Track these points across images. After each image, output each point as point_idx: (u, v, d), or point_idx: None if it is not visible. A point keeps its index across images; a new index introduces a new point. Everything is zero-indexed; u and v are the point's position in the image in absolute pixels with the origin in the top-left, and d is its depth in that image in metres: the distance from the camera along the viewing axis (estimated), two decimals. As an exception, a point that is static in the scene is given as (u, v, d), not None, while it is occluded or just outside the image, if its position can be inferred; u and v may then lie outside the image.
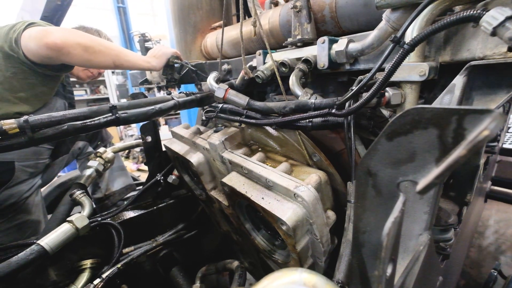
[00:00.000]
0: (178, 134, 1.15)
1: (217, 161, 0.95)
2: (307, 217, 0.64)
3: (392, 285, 0.40)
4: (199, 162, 0.99)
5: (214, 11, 1.50)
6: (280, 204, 0.66)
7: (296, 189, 0.63)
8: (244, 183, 0.76)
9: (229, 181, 0.79)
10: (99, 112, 0.83)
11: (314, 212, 0.63)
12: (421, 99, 0.73)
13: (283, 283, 0.41)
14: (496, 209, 2.42)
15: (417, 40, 0.54)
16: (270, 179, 0.69)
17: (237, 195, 0.77)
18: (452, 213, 0.88)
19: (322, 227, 0.67)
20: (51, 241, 0.62)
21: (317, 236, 0.66)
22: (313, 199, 0.63)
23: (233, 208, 0.87)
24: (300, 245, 0.67)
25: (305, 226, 0.66)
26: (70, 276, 1.03)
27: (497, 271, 1.29)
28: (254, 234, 0.90)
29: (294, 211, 0.63)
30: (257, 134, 0.91)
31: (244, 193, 0.72)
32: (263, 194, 0.70)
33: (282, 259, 0.80)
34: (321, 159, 0.75)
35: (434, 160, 0.32)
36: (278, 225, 0.65)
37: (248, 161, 0.79)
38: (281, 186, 0.67)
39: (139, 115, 0.90)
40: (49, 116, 0.76)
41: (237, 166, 0.81)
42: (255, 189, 0.73)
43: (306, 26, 0.95)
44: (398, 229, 0.35)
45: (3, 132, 0.70)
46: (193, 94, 1.14)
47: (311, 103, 0.73)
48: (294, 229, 0.62)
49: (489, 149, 1.52)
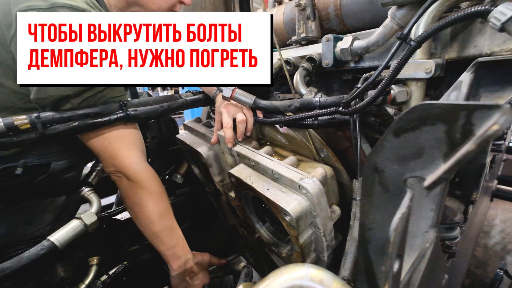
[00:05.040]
0: (189, 127, 1.19)
1: (225, 153, 0.97)
2: (311, 210, 0.65)
3: (398, 281, 0.40)
4: (208, 155, 1.01)
5: (217, 10, 1.50)
6: (284, 195, 0.66)
7: (301, 181, 0.64)
8: (251, 174, 0.77)
9: (236, 172, 0.80)
10: (110, 109, 0.84)
11: (318, 204, 0.63)
12: (427, 97, 0.72)
13: (290, 278, 0.41)
14: (503, 208, 2.39)
15: (423, 37, 0.53)
16: (276, 171, 0.70)
17: (243, 186, 0.78)
18: (458, 211, 0.88)
19: (326, 221, 0.67)
20: (60, 237, 0.63)
21: (321, 230, 0.67)
22: (318, 191, 0.63)
23: (239, 200, 0.89)
24: (303, 238, 0.67)
25: (308, 218, 0.66)
26: (77, 273, 1.04)
27: (503, 270, 1.28)
28: (259, 226, 0.91)
29: (298, 202, 0.64)
30: (266, 129, 0.92)
31: (250, 184, 0.73)
32: (268, 185, 0.71)
33: (286, 253, 0.81)
34: (328, 155, 0.75)
35: (442, 156, 0.32)
36: (281, 216, 0.65)
37: (255, 153, 0.81)
38: (286, 178, 0.68)
39: (149, 113, 0.90)
40: (60, 112, 0.77)
41: (244, 158, 0.82)
42: (261, 180, 0.74)
43: (310, 24, 0.95)
44: (405, 225, 0.35)
45: (14, 128, 0.71)
46: (199, 94, 1.15)
47: (316, 101, 0.73)
48: (297, 220, 0.62)
49: (495, 148, 1.51)
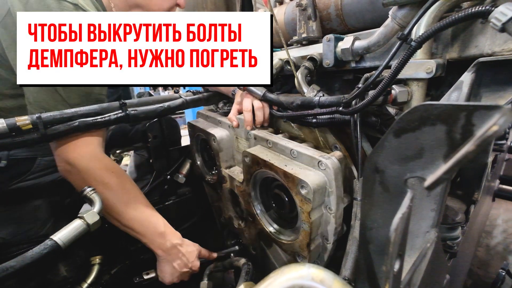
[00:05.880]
0: (204, 114, 1.22)
1: (240, 138, 0.99)
2: (326, 186, 0.67)
3: (399, 281, 0.40)
4: (221, 138, 1.02)
5: (219, 10, 1.50)
6: (302, 170, 0.69)
7: (321, 157, 0.67)
8: (268, 153, 0.79)
9: (253, 151, 0.82)
10: (110, 109, 0.84)
11: (335, 181, 0.66)
12: (427, 97, 0.72)
13: (291, 277, 0.41)
14: (505, 208, 2.38)
15: (424, 37, 0.53)
16: (295, 150, 0.73)
17: (258, 164, 0.80)
18: (459, 211, 0.88)
19: (339, 201, 0.69)
20: (63, 236, 0.63)
21: (332, 210, 0.69)
22: (337, 167, 0.66)
23: (247, 183, 0.90)
24: (315, 216, 0.69)
25: (323, 195, 0.68)
26: (79, 272, 1.05)
27: (505, 271, 1.28)
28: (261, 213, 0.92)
29: (316, 175, 0.67)
30: (281, 122, 0.94)
31: (268, 160, 0.75)
32: (286, 162, 0.73)
33: (288, 240, 0.81)
34: (341, 150, 0.76)
35: (442, 156, 0.32)
36: (297, 190, 0.67)
37: (273, 136, 0.84)
38: (306, 155, 0.70)
39: (149, 113, 0.91)
40: (61, 112, 0.77)
41: (262, 140, 0.85)
42: (279, 158, 0.76)
43: (311, 24, 0.95)
44: (406, 225, 0.35)
45: (17, 129, 0.71)
46: (200, 93, 1.15)
47: (315, 100, 0.74)
48: (314, 192, 0.64)
49: (497, 147, 1.50)
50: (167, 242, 0.94)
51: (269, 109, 0.91)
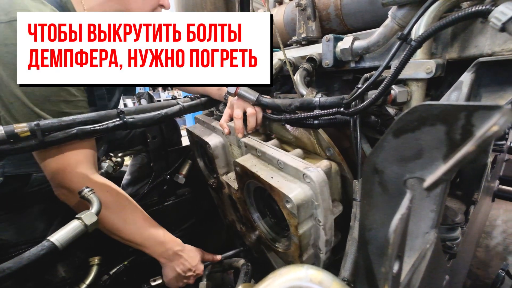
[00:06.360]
0: (200, 120, 1.23)
1: (233, 145, 0.98)
2: (313, 199, 0.65)
3: (398, 282, 0.40)
4: (216, 145, 1.02)
5: (218, 11, 1.50)
6: (288, 183, 0.67)
7: (305, 170, 0.65)
8: (256, 164, 0.78)
9: (242, 161, 0.81)
10: (108, 116, 0.84)
11: (320, 194, 0.64)
12: (427, 97, 0.72)
13: (289, 279, 0.41)
14: (504, 208, 2.38)
15: (424, 37, 0.53)
16: (282, 160, 0.71)
17: (247, 175, 0.79)
18: (459, 212, 0.88)
19: (327, 213, 0.67)
20: (61, 237, 0.63)
21: (321, 222, 0.67)
22: (321, 181, 0.64)
23: (241, 191, 0.89)
24: (302, 229, 0.67)
25: (310, 208, 0.66)
26: (78, 273, 1.04)
27: (504, 271, 1.28)
28: (258, 220, 0.91)
29: (301, 190, 0.64)
30: (275, 125, 0.93)
31: (255, 172, 0.74)
32: (273, 174, 0.72)
33: (283, 248, 0.81)
34: (334, 153, 0.75)
35: (441, 156, 0.32)
36: (283, 204, 0.66)
37: (262, 144, 0.83)
38: (291, 167, 0.69)
39: (146, 120, 0.91)
40: (59, 120, 0.77)
41: (252, 148, 0.84)
42: (266, 169, 0.75)
43: (311, 24, 0.95)
44: (405, 226, 0.35)
45: (15, 136, 0.71)
46: (197, 99, 1.15)
47: (315, 101, 0.73)
48: (298, 207, 0.63)
49: (497, 148, 1.50)
50: (169, 250, 0.97)
51: (262, 113, 0.90)
